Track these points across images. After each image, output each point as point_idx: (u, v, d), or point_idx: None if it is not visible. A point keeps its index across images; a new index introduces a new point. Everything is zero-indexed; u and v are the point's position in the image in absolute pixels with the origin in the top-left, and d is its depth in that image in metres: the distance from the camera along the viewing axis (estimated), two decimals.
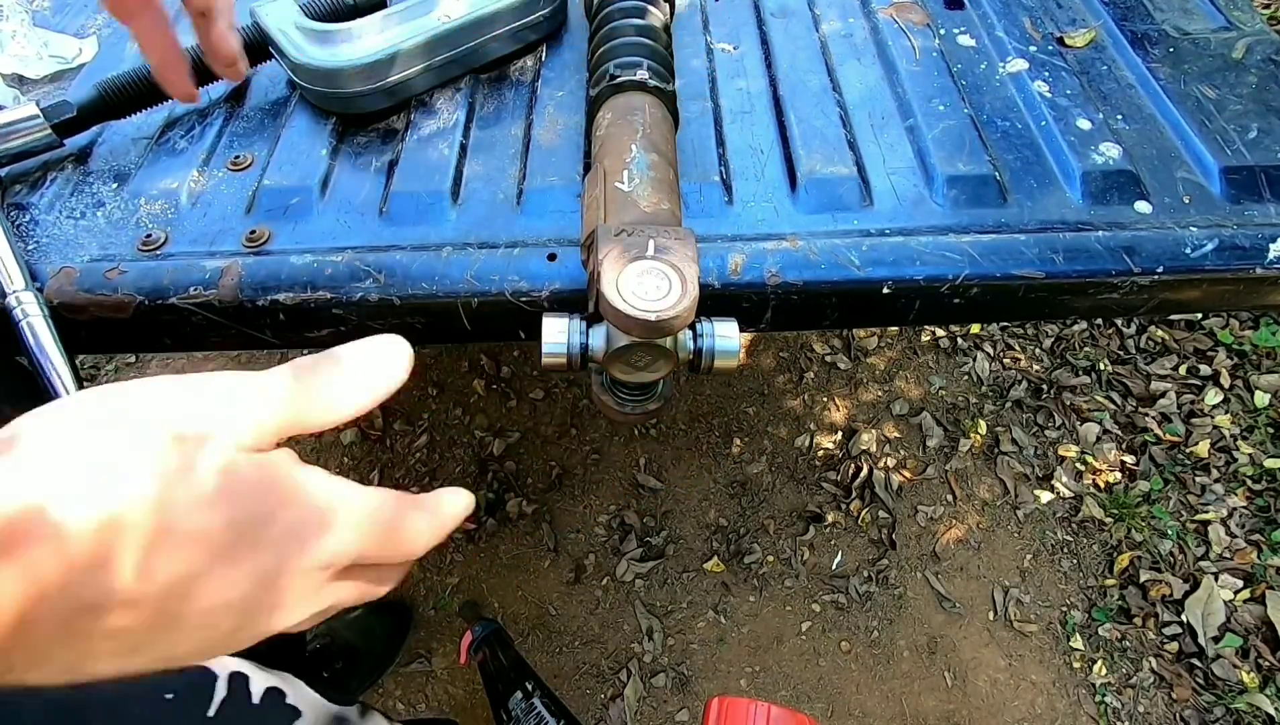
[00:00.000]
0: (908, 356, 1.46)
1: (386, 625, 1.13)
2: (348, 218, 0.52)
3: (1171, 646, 1.16)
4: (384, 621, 1.13)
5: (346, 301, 0.47)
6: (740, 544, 1.25)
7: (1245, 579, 1.19)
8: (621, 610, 1.20)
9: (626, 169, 0.46)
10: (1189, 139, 0.57)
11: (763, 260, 0.49)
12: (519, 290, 0.48)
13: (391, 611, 1.15)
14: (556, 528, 1.26)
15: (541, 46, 0.64)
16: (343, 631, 1.10)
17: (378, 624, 1.13)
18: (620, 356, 0.41)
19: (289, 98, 0.60)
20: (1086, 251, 0.50)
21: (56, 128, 0.53)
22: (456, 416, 1.38)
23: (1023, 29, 0.66)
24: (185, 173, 0.54)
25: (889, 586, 1.22)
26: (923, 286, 0.49)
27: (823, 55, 0.63)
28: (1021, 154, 0.57)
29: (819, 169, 0.54)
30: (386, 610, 1.14)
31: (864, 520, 1.27)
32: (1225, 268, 0.50)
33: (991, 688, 1.14)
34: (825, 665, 1.16)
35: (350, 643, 1.09)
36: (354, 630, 1.11)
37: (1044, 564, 1.24)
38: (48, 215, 0.52)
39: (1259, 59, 0.63)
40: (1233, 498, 1.27)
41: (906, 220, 0.52)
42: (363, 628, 1.12)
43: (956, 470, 1.32)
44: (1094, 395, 1.39)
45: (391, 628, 1.14)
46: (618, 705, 1.12)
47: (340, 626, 1.11)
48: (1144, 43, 0.64)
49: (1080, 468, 1.32)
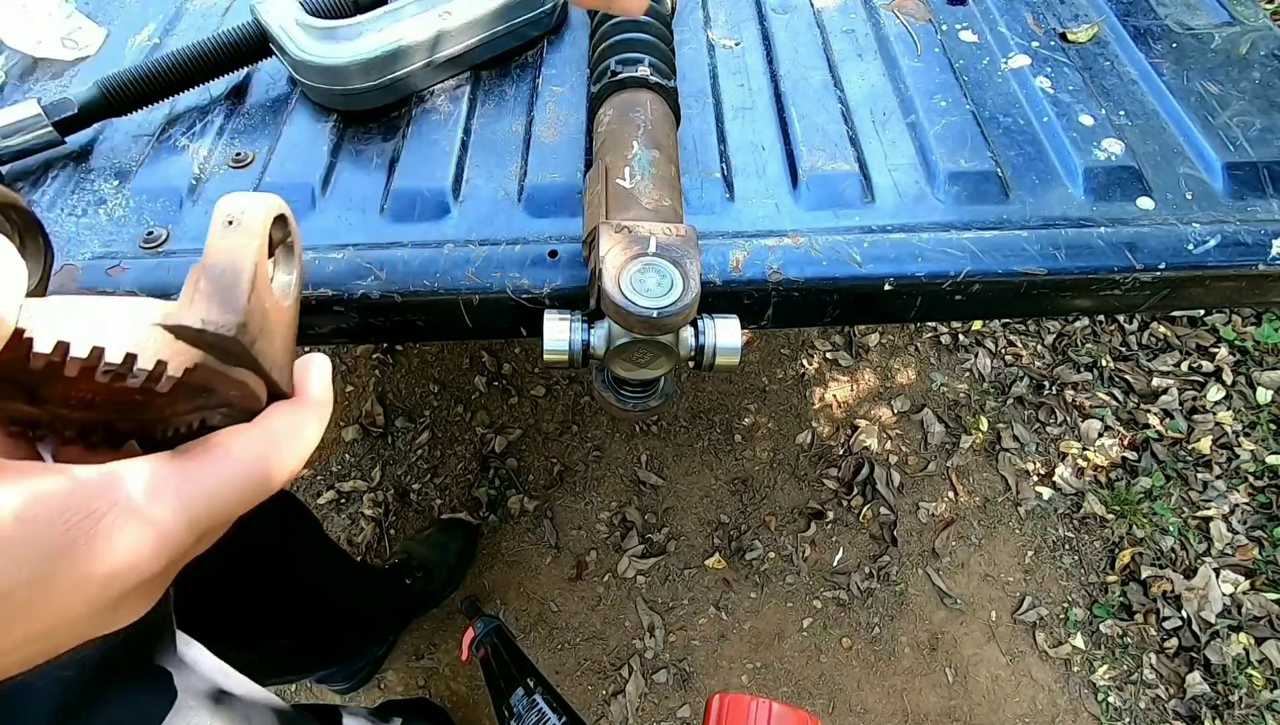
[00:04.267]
0: (909, 353, 1.46)
1: (457, 540, 1.21)
2: (349, 215, 0.52)
3: (1172, 643, 1.16)
4: (454, 537, 1.22)
5: (348, 299, 0.47)
6: (742, 540, 1.25)
7: (1247, 574, 1.19)
8: (623, 607, 1.20)
9: (628, 165, 0.46)
10: (1192, 135, 0.57)
11: (764, 257, 0.49)
12: (520, 287, 0.48)
13: (461, 528, 1.24)
14: (558, 524, 1.26)
15: (543, 43, 0.64)
16: (418, 548, 1.19)
17: (449, 539, 1.21)
18: (622, 353, 0.41)
19: (290, 95, 0.60)
20: (1089, 248, 0.50)
21: (58, 125, 0.53)
22: (458, 413, 1.38)
23: (1025, 24, 0.66)
24: (187, 170, 0.54)
25: (890, 583, 1.22)
26: (924, 283, 0.49)
27: (824, 51, 0.63)
28: (1024, 150, 0.56)
29: (820, 165, 0.54)
30: (456, 527, 1.23)
31: (865, 517, 1.27)
32: (1228, 264, 0.50)
33: (992, 684, 1.14)
34: (826, 662, 1.16)
35: (425, 557, 1.18)
36: (427, 546, 1.20)
37: (1045, 560, 1.24)
38: (49, 213, 0.52)
39: (1262, 54, 0.63)
40: (1234, 494, 1.27)
41: (908, 217, 0.52)
42: (435, 543, 1.21)
43: (958, 467, 1.32)
44: (1096, 392, 1.39)
45: (461, 543, 1.21)
46: (619, 701, 1.12)
47: (415, 543, 1.21)
48: (1147, 38, 0.64)
49: (1082, 464, 1.32)
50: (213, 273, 0.21)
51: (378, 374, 1.42)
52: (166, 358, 0.20)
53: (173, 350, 0.20)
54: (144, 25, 0.65)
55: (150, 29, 0.65)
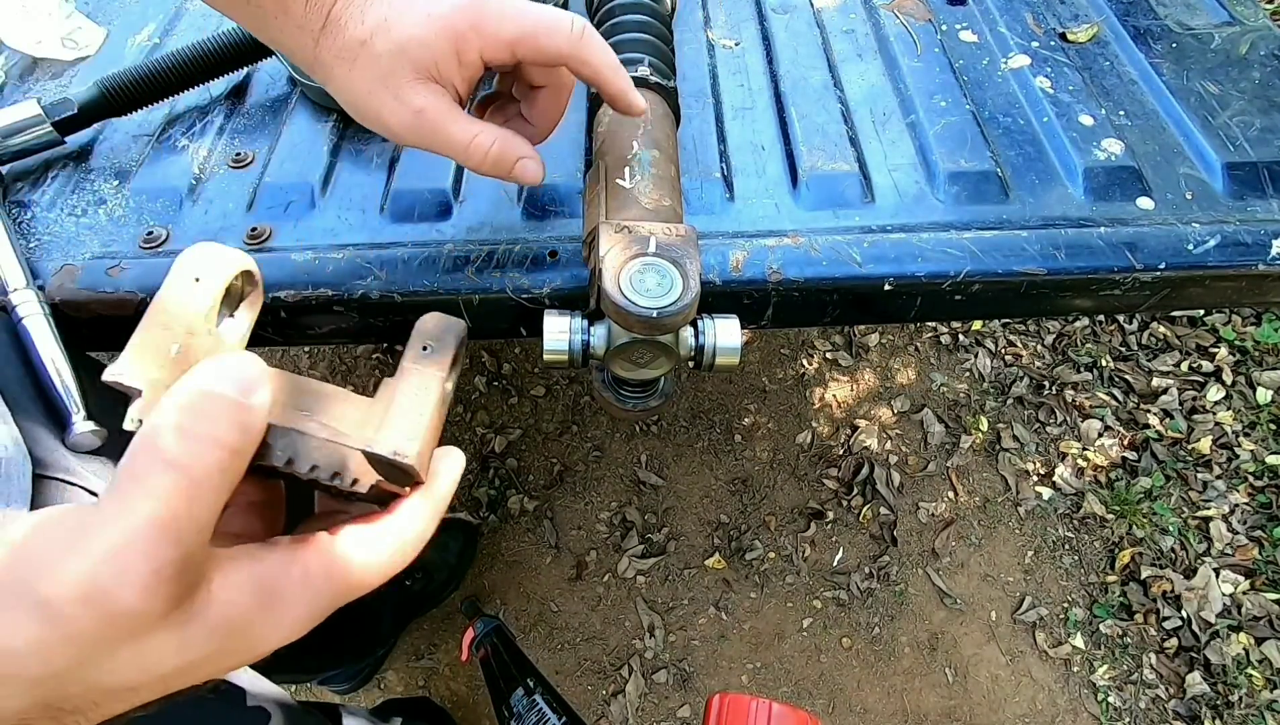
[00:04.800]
0: (909, 353, 1.46)
1: (457, 540, 1.20)
2: (349, 215, 0.52)
3: (1172, 643, 1.16)
4: (454, 537, 1.20)
5: (348, 299, 0.47)
6: (741, 540, 1.25)
7: (1247, 574, 1.19)
8: (623, 607, 1.20)
9: (628, 165, 0.46)
10: (1191, 135, 0.57)
11: (764, 257, 0.49)
12: (520, 287, 0.48)
13: (461, 528, 1.22)
14: (558, 525, 1.26)
15: None
16: None
17: (449, 539, 1.20)
18: (622, 353, 0.41)
19: (289, 95, 0.60)
20: (1089, 248, 0.50)
21: (57, 125, 0.53)
22: (458, 413, 1.38)
23: (1025, 24, 0.66)
24: (186, 170, 0.54)
25: (890, 583, 1.22)
26: (924, 283, 0.49)
27: (824, 51, 0.63)
28: (1023, 150, 0.56)
29: (820, 165, 0.54)
30: (456, 527, 1.22)
31: (865, 517, 1.27)
32: (1228, 264, 0.50)
33: (992, 684, 1.14)
34: (826, 662, 1.16)
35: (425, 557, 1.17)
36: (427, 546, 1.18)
37: (1045, 560, 1.24)
38: (49, 213, 0.52)
39: (1262, 54, 0.63)
40: (1234, 494, 1.27)
41: (908, 217, 0.52)
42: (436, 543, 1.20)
43: (958, 467, 1.32)
44: (1096, 392, 1.39)
45: (461, 543, 1.20)
46: (619, 702, 1.12)
47: None
48: (1147, 38, 0.64)
49: (1082, 464, 1.32)
50: (404, 399, 0.26)
51: (378, 374, 1.42)
52: (359, 474, 0.26)
53: (366, 466, 0.26)
54: (144, 25, 0.65)
55: (150, 29, 0.65)
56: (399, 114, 0.38)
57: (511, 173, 0.41)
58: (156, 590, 0.20)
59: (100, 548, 0.20)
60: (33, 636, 0.19)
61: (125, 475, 0.21)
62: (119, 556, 0.20)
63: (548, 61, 0.40)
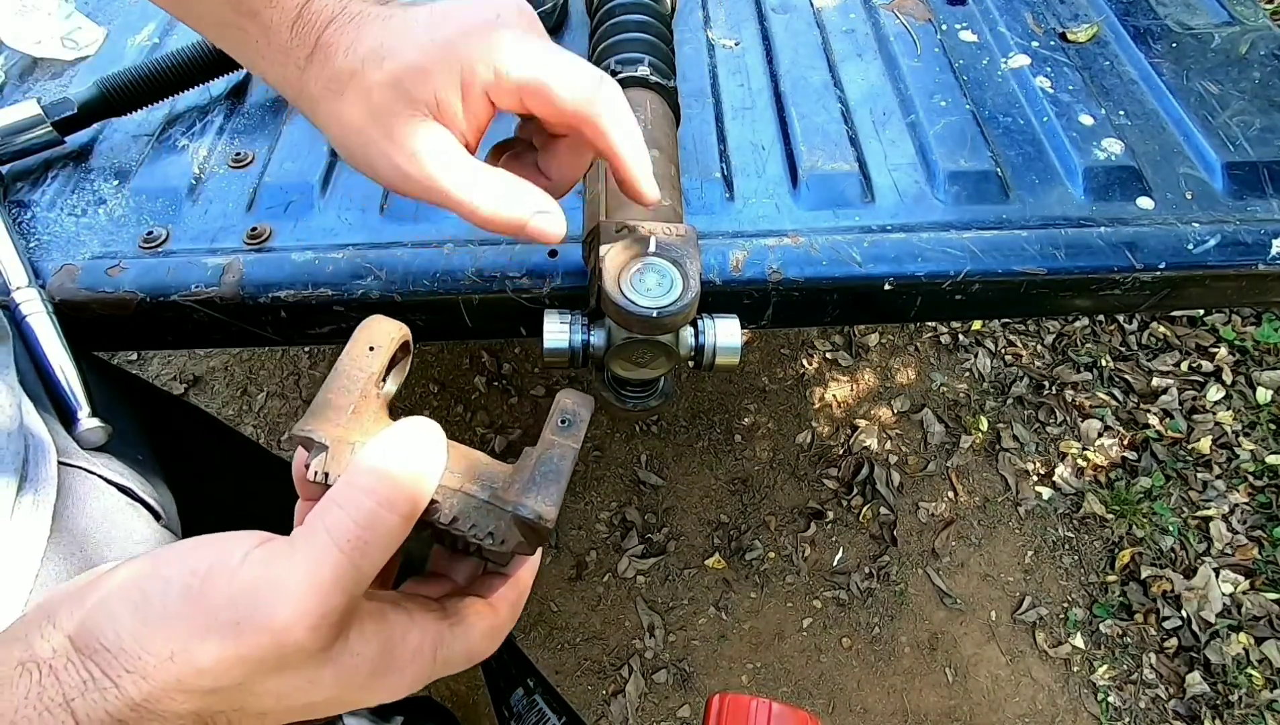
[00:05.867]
0: (909, 353, 1.46)
1: None
2: (349, 215, 0.52)
3: (1171, 643, 1.16)
4: None
5: (348, 299, 0.47)
6: (741, 540, 1.25)
7: (1247, 574, 1.19)
8: (623, 607, 1.20)
9: None
10: (1191, 134, 0.57)
11: (764, 257, 0.49)
12: (520, 287, 0.48)
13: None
14: (558, 524, 1.26)
15: None
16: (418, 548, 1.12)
17: None
18: (622, 353, 0.41)
19: None
20: (1088, 248, 0.50)
21: (57, 125, 0.53)
22: (458, 413, 1.38)
23: (1025, 24, 0.66)
24: (186, 170, 0.54)
25: (890, 583, 1.22)
26: (924, 283, 0.49)
27: (824, 51, 0.63)
28: (1023, 150, 0.56)
29: (820, 165, 0.54)
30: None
31: (865, 517, 1.27)
32: (1228, 264, 0.50)
33: (992, 684, 1.14)
34: (826, 661, 1.16)
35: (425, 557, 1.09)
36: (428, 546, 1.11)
37: (1045, 560, 1.24)
38: (49, 212, 0.52)
39: (1262, 54, 0.63)
40: (1234, 494, 1.27)
41: (908, 216, 0.52)
42: None
43: (958, 467, 1.32)
44: (1095, 391, 1.39)
45: None
46: (619, 701, 1.12)
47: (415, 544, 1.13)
48: (1147, 38, 0.64)
49: (1081, 464, 1.32)
50: (547, 467, 0.28)
51: None
52: (507, 536, 0.28)
53: (514, 528, 0.28)
54: (144, 25, 0.65)
55: (150, 29, 0.65)
56: (390, 155, 0.33)
57: (527, 228, 0.34)
58: (321, 631, 0.22)
59: (290, 587, 0.22)
60: (217, 655, 0.22)
61: (320, 525, 0.23)
62: (303, 597, 0.22)
63: (558, 121, 0.34)
